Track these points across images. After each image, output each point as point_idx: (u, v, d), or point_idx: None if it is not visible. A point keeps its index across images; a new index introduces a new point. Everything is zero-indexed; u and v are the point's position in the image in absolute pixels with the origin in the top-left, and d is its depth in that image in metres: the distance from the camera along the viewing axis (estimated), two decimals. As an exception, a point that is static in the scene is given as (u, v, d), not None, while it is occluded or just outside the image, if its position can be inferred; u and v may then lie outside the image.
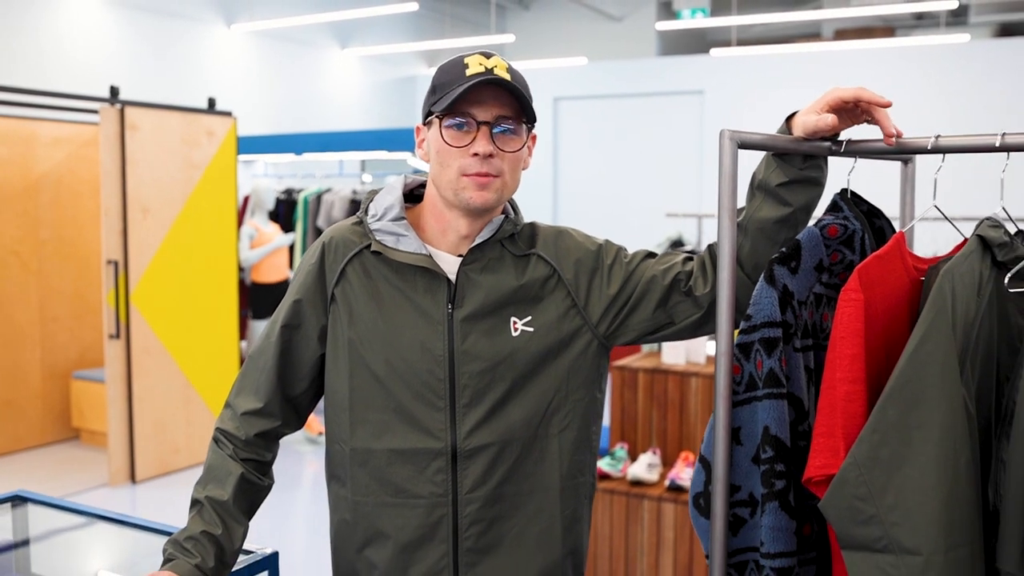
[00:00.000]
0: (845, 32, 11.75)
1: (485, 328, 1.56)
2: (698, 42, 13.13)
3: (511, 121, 1.53)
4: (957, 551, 1.25)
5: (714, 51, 11.04)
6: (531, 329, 1.58)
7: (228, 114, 6.40)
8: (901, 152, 1.43)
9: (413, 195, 1.69)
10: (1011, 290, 1.31)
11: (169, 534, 1.68)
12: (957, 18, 11.71)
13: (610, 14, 12.73)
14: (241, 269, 6.99)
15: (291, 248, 7.76)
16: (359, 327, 1.58)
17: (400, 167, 9.19)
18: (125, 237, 5.75)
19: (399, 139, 8.12)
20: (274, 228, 7.09)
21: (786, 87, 10.78)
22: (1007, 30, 11.49)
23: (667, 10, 12.64)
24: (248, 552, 1.75)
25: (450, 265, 1.59)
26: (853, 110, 1.46)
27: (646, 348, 5.55)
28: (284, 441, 1.75)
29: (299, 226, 7.91)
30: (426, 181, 1.65)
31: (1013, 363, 1.34)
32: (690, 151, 11.51)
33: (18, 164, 6.44)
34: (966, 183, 6.85)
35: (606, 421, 5.26)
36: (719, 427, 1.43)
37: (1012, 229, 1.42)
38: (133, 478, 5.85)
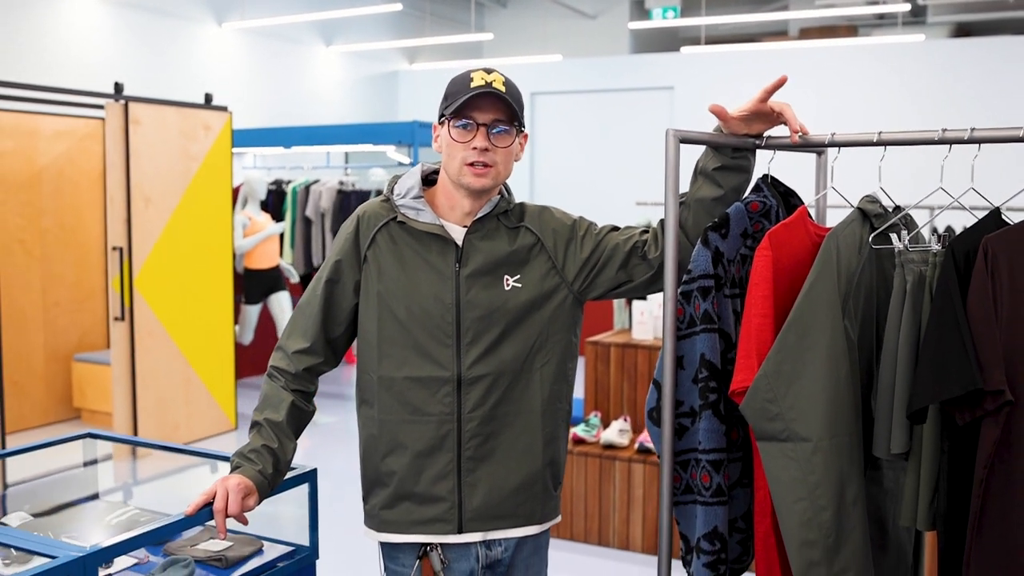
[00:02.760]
0: (810, 31, 12.22)
1: (484, 283, 1.99)
2: (669, 40, 13.57)
3: (504, 123, 1.95)
4: (838, 439, 1.69)
5: (684, 49, 11.48)
6: (519, 285, 2.00)
7: (224, 109, 6.75)
8: (805, 146, 1.86)
9: (427, 180, 2.10)
10: (874, 246, 1.76)
11: (215, 456, 2.09)
12: (916, 18, 12.22)
13: (585, 12, 13.15)
14: (234, 258, 7.34)
15: (281, 236, 8.12)
16: (386, 281, 1.99)
17: (381, 159, 9.57)
18: (129, 225, 6.07)
19: (383, 133, 8.50)
20: (265, 217, 7.44)
21: (753, 83, 11.23)
22: (963, 30, 12.01)
23: (639, 9, 13.07)
24: (293, 468, 2.16)
25: (457, 233, 2.01)
26: (770, 113, 1.89)
27: (618, 325, 6.00)
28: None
29: (288, 215, 8.27)
30: (439, 168, 2.07)
31: (887, 304, 1.79)
32: (660, 144, 11.87)
33: (22, 156, 6.74)
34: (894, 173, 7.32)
35: (581, 393, 5.69)
36: (667, 356, 1.87)
37: (889, 205, 1.87)
38: (135, 453, 6.20)
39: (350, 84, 12.39)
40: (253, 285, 7.37)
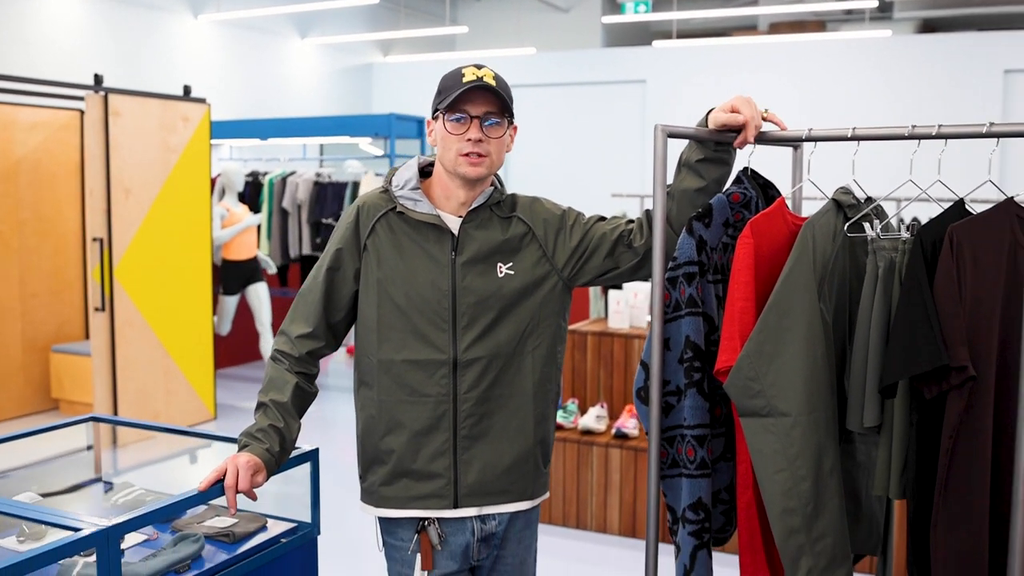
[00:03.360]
0: (779, 26, 12.41)
1: (479, 270, 2.09)
2: (641, 34, 13.72)
3: (496, 115, 2.05)
4: (815, 414, 1.82)
5: (656, 43, 11.62)
6: (512, 272, 2.11)
7: (203, 101, 6.80)
8: (783, 140, 1.99)
9: (423, 172, 2.20)
10: (848, 234, 1.88)
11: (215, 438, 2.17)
12: (884, 14, 12.45)
13: (558, 6, 13.26)
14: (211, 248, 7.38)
15: (258, 228, 8.16)
16: (385, 269, 2.09)
17: (357, 151, 9.63)
18: (109, 216, 6.10)
19: (358, 125, 8.56)
20: (243, 209, 7.49)
21: (723, 77, 11.42)
22: (928, 26, 12.25)
23: (612, 3, 13.20)
24: (297, 448, 2.25)
25: (453, 223, 2.11)
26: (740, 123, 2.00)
27: (594, 315, 6.12)
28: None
29: (265, 207, 8.32)
30: (434, 160, 2.17)
31: (860, 288, 1.91)
32: (633, 136, 12.10)
33: (-1, 147, 6.76)
34: (866, 166, 7.51)
35: (559, 381, 5.80)
36: (655, 338, 1.99)
37: (862, 196, 1.99)
38: (115, 443, 6.24)
39: (325, 76, 12.42)
40: (231, 276, 7.42)
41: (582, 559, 4.43)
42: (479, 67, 2.05)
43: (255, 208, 8.34)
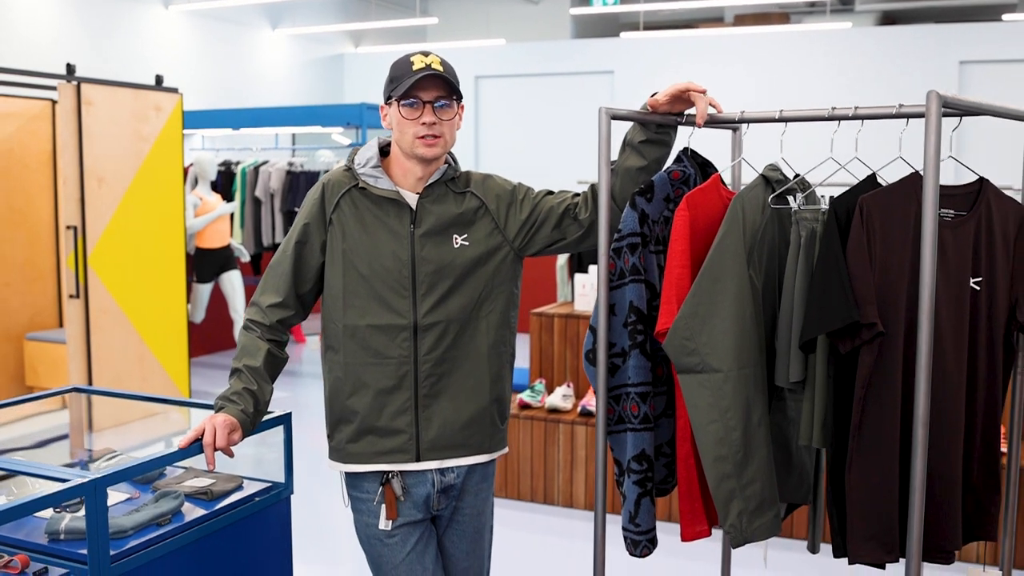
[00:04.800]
0: (744, 18, 12.62)
1: (436, 242, 2.25)
2: (609, 26, 13.89)
3: (446, 99, 2.21)
4: (745, 370, 2.00)
5: (624, 34, 11.80)
6: (467, 243, 2.27)
7: (175, 90, 6.89)
8: (719, 122, 2.16)
9: (383, 151, 2.36)
10: (773, 206, 2.06)
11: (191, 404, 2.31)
12: (845, 6, 12.69)
13: (527, -2, 13.40)
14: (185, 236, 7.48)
15: (231, 216, 8.27)
16: (350, 241, 2.24)
17: (328, 141, 9.74)
18: (83, 204, 6.19)
19: (330, 115, 8.67)
20: (216, 197, 7.59)
21: (689, 67, 11.61)
22: (889, 18, 12.51)
23: (581, -6, 13.36)
24: (270, 412, 2.40)
25: (411, 198, 2.26)
26: (686, 97, 2.17)
27: (561, 298, 6.29)
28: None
29: (238, 196, 8.42)
30: (391, 141, 2.32)
31: (787, 256, 2.09)
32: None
33: (-31, 137, 6.81)
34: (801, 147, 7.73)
35: (527, 362, 5.98)
36: (601, 304, 2.16)
37: (790, 173, 2.17)
38: (91, 429, 6.34)
39: (297, 67, 12.50)
40: (205, 264, 7.51)
41: (550, 531, 4.60)
42: (426, 54, 2.21)
43: (228, 197, 8.43)
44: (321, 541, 4.41)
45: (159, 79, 6.97)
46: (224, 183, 8.53)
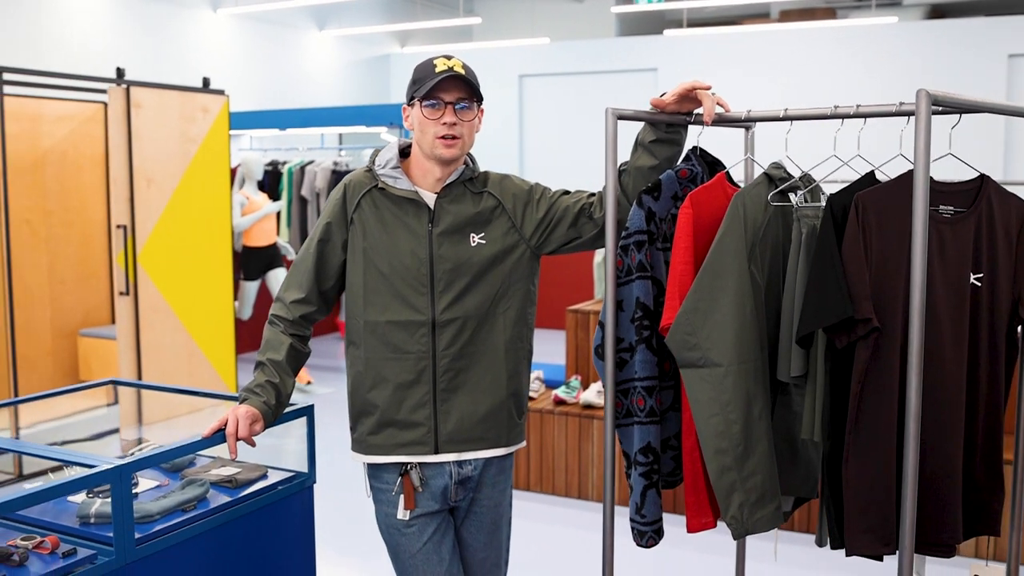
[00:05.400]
0: (790, 13, 12.52)
1: (453, 240, 2.32)
2: (653, 23, 13.86)
3: (467, 101, 2.28)
4: (745, 364, 2.04)
5: (667, 32, 11.78)
6: (484, 241, 2.34)
7: (221, 92, 7.06)
8: (724, 121, 2.20)
9: (403, 153, 2.44)
10: (772, 203, 2.10)
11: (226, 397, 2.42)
12: (893, 0, 12.53)
13: (571, -4, 13.42)
14: (232, 235, 7.64)
15: (277, 215, 8.44)
16: (370, 240, 2.33)
17: (374, 140, 9.87)
18: (132, 204, 6.39)
19: (375, 114, 8.80)
20: (262, 197, 7.76)
21: (733, 65, 11.56)
22: (937, 12, 12.32)
23: (625, -8, 13.35)
24: (292, 404, 2.49)
25: (430, 198, 2.34)
26: (693, 96, 2.22)
27: (597, 295, 6.33)
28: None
29: (284, 195, 8.59)
30: (411, 143, 2.40)
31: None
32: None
33: (27, 140, 7.01)
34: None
35: (562, 358, 6.04)
36: (609, 300, 2.21)
37: (797, 171, 2.21)
38: (140, 422, 6.53)
39: (343, 67, 12.68)
40: (251, 262, 7.68)
41: (583, 526, 4.66)
42: (448, 58, 2.29)
43: (275, 196, 8.60)
44: (348, 531, 4.53)
45: (206, 81, 7.15)
46: (271, 182, 8.70)
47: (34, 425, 2.77)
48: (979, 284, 2.01)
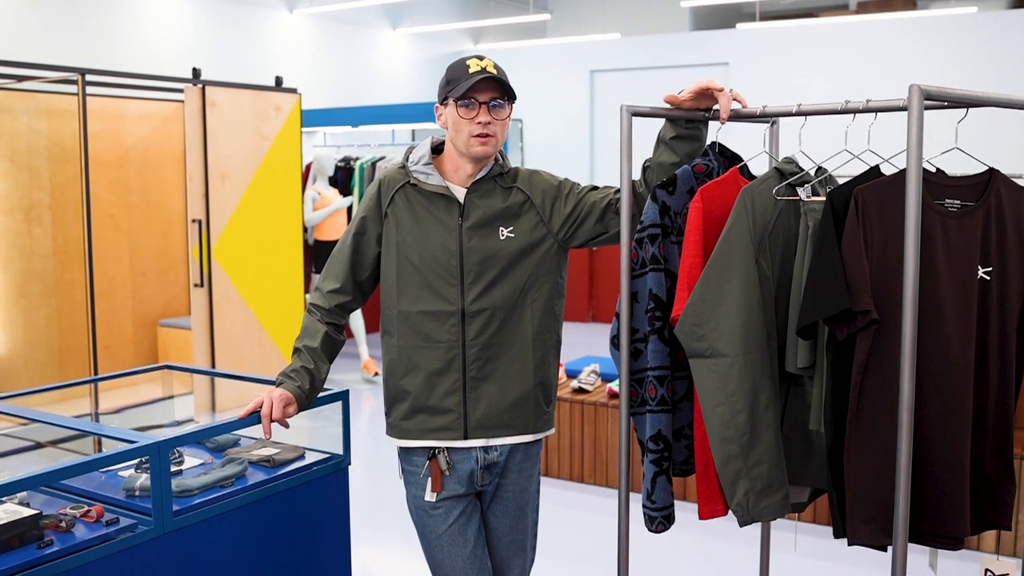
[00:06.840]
0: (868, 5, 12.28)
1: (483, 234, 2.41)
2: (727, 16, 13.74)
3: (500, 100, 2.37)
4: (752, 355, 2.09)
5: (740, 25, 11.67)
6: (513, 235, 2.43)
7: (293, 91, 7.27)
8: (741, 117, 2.25)
9: (436, 149, 2.54)
10: (776, 197, 2.14)
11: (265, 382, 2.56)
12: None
13: (643, -10, 13.39)
14: (305, 230, 7.88)
15: (349, 210, 8.65)
16: (403, 233, 2.44)
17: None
18: (207, 199, 6.65)
19: (444, 111, 8.92)
20: (334, 192, 7.97)
21: (807, 58, 11.40)
22: (1019, 1, 11.94)
23: (696, -14, 13.25)
24: (328, 389, 2.62)
25: (460, 193, 2.44)
26: (709, 94, 2.27)
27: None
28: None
29: (356, 191, 8.79)
30: (444, 140, 2.50)
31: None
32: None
33: (110, 137, 7.34)
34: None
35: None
36: (624, 292, 2.28)
37: (811, 166, 2.25)
38: (214, 410, 6.78)
39: (416, 64, 12.88)
40: (322, 256, 7.90)
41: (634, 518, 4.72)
42: (480, 58, 2.38)
43: (346, 192, 8.82)
44: (387, 516, 4.71)
45: (279, 80, 7.37)
46: (343, 178, 8.91)
47: (121, 410, 2.96)
48: (988, 278, 2.02)
